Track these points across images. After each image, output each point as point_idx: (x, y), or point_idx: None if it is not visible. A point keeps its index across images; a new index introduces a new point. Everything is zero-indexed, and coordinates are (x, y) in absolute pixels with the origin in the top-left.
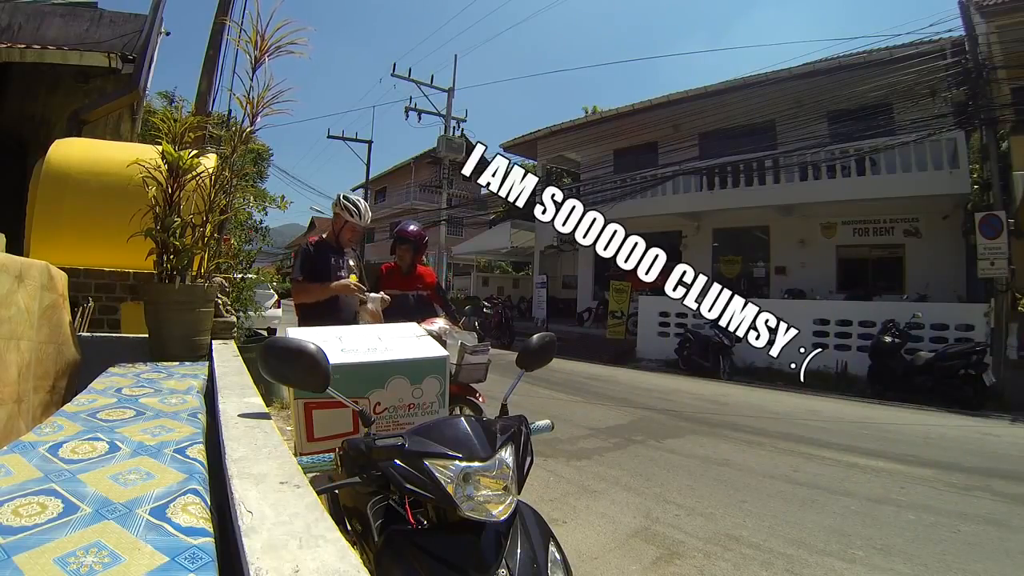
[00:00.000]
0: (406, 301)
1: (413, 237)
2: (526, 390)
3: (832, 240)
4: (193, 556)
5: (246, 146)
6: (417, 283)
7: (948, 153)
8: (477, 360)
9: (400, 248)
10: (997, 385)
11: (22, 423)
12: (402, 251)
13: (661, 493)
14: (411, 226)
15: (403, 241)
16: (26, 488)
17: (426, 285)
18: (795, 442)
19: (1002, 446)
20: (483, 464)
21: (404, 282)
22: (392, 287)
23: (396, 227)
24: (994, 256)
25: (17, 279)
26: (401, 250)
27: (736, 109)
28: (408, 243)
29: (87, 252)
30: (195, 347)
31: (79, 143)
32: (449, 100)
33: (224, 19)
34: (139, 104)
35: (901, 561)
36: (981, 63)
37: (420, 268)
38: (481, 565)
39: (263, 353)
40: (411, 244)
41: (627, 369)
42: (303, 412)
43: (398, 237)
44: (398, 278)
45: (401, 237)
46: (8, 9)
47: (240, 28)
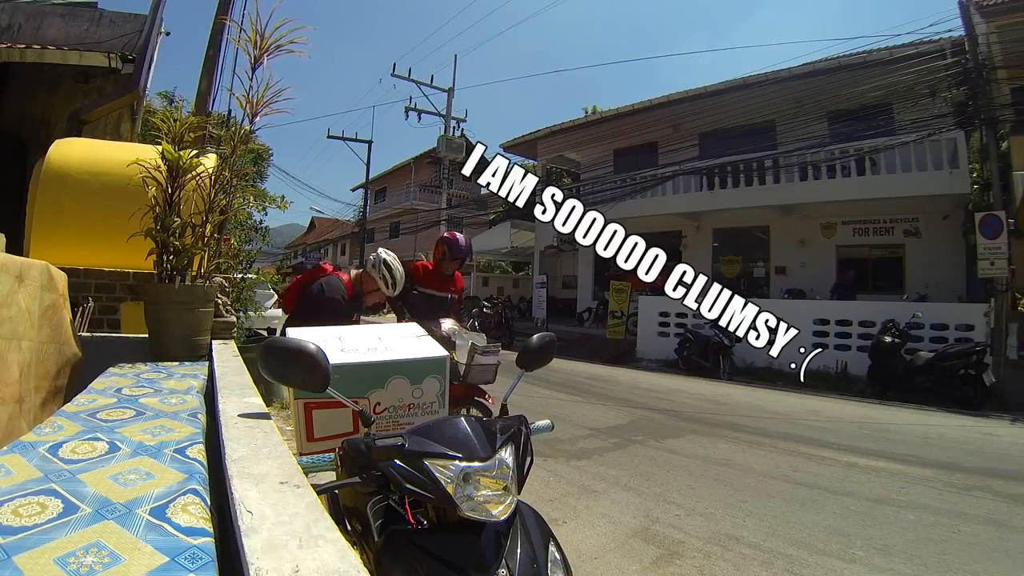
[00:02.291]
0: (445, 302)
1: (465, 253)
2: (526, 390)
3: (832, 240)
4: (193, 556)
5: (246, 146)
6: (451, 286)
7: (948, 153)
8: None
9: (451, 261)
10: (997, 385)
11: (24, 423)
12: (452, 263)
13: (661, 493)
14: (460, 240)
15: (456, 256)
16: (26, 488)
17: (457, 290)
18: (795, 442)
19: (1002, 446)
20: (483, 464)
21: (443, 285)
22: (430, 287)
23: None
24: (994, 256)
25: (17, 279)
26: (452, 263)
27: (736, 109)
28: (459, 259)
29: (87, 252)
30: (195, 347)
31: (79, 143)
32: (449, 100)
33: (224, 19)
34: (139, 104)
35: (901, 561)
36: (981, 63)
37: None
38: (481, 565)
39: (263, 353)
40: (460, 259)
41: (627, 369)
42: (303, 412)
43: (451, 250)
44: (438, 278)
45: (455, 252)
46: (8, 9)
47: (240, 28)
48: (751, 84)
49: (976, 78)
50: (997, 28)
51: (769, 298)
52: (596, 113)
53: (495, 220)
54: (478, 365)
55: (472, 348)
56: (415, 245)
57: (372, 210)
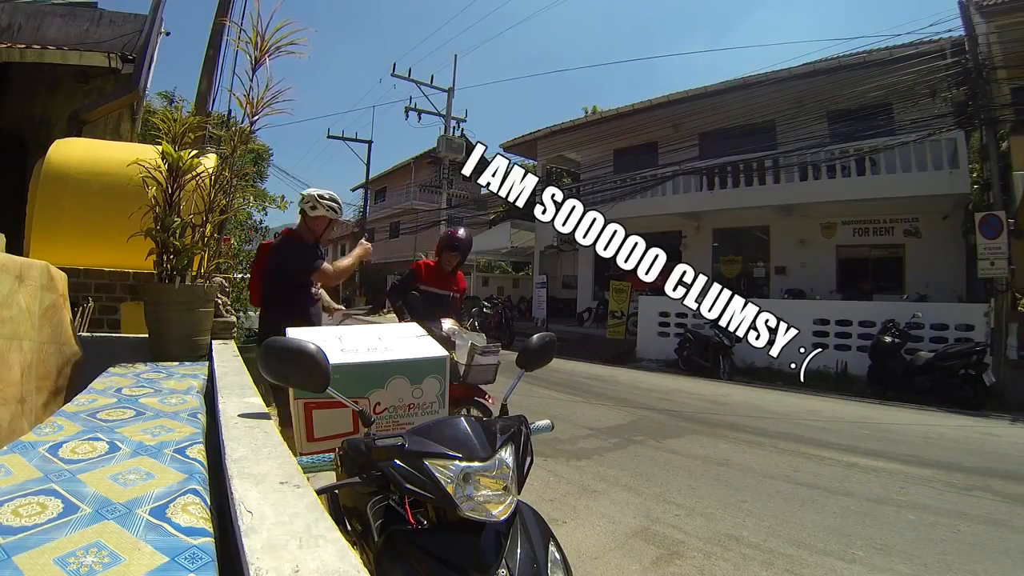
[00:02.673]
0: (446, 300)
1: (464, 245)
2: (526, 390)
3: (832, 240)
4: (193, 556)
5: (246, 146)
6: (454, 285)
7: (948, 153)
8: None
9: (450, 254)
10: (997, 385)
11: (25, 423)
12: (450, 256)
13: (661, 493)
14: (460, 232)
15: (454, 248)
16: (26, 488)
17: (458, 289)
18: (795, 442)
19: (1002, 446)
20: (483, 464)
21: (445, 282)
22: (432, 285)
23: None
24: (994, 256)
25: (18, 279)
26: (451, 255)
27: (736, 109)
28: (457, 249)
29: (87, 252)
30: (195, 347)
31: (79, 143)
32: (449, 100)
33: (224, 19)
34: (139, 104)
35: (901, 561)
36: (981, 63)
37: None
38: (481, 565)
39: (263, 353)
40: (459, 251)
41: (627, 369)
42: (303, 412)
43: (448, 243)
44: (441, 276)
45: (453, 244)
46: (8, 9)
47: (240, 28)
48: (751, 84)
49: (976, 78)
50: (997, 28)
51: (769, 298)
52: (596, 113)
53: (495, 220)
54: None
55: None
56: (415, 245)
57: (372, 210)
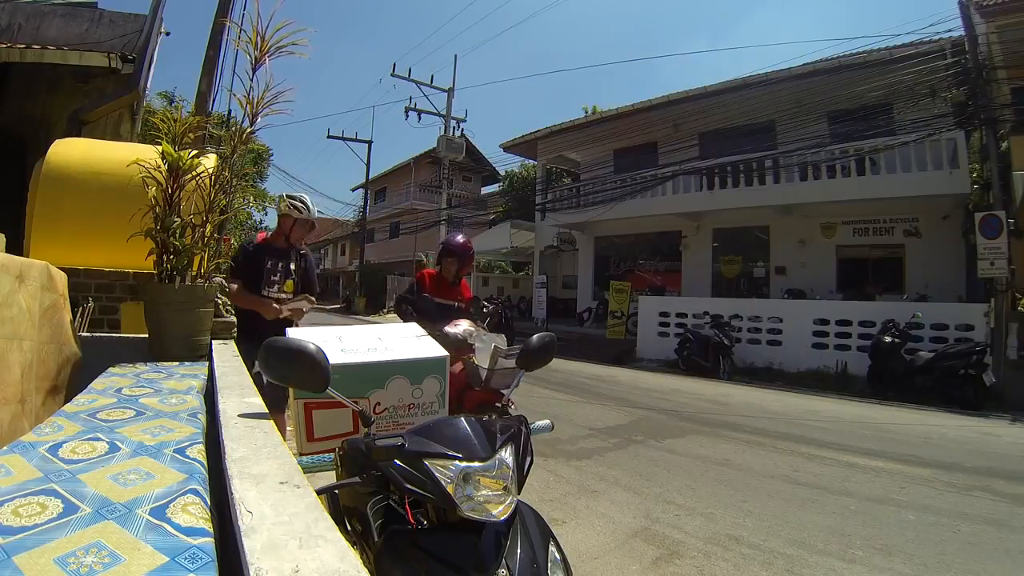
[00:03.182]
0: (451, 311)
1: (459, 250)
2: (526, 390)
3: (832, 240)
4: (193, 556)
5: (246, 146)
6: (458, 295)
7: (948, 153)
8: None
9: (447, 260)
10: (997, 385)
11: (26, 423)
12: (448, 263)
13: (661, 493)
14: (459, 238)
15: (450, 253)
16: (26, 488)
17: (464, 299)
18: (795, 442)
19: (1002, 446)
20: (483, 464)
21: (449, 292)
22: (438, 296)
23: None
24: (994, 256)
25: (18, 279)
26: (447, 262)
27: (736, 109)
28: (454, 256)
29: (87, 252)
30: (195, 347)
31: (79, 143)
32: (449, 100)
33: (224, 20)
34: (139, 104)
35: (901, 561)
36: (981, 63)
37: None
38: (481, 565)
39: (263, 353)
40: (457, 257)
41: (627, 369)
42: (303, 412)
43: (445, 249)
44: (444, 286)
45: (448, 249)
46: (8, 9)
47: (240, 29)
48: (751, 84)
49: (976, 78)
50: (997, 28)
51: (769, 298)
52: (596, 113)
53: (495, 220)
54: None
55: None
56: (415, 245)
57: (372, 210)
